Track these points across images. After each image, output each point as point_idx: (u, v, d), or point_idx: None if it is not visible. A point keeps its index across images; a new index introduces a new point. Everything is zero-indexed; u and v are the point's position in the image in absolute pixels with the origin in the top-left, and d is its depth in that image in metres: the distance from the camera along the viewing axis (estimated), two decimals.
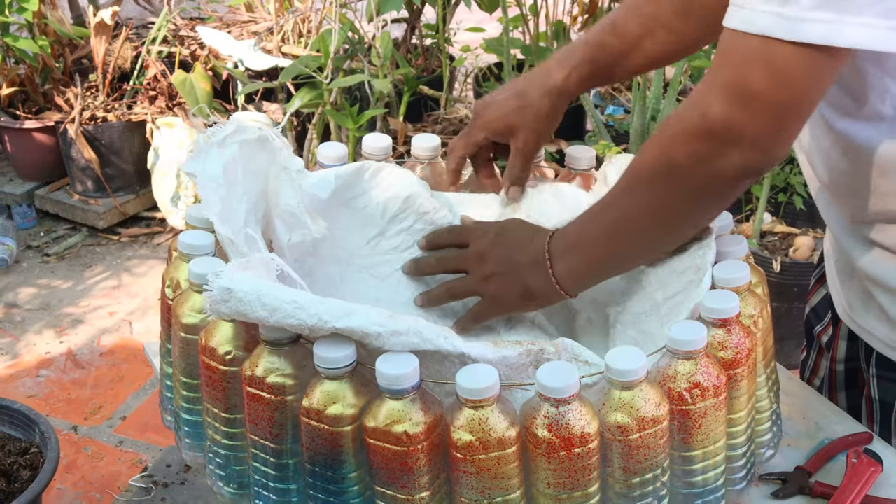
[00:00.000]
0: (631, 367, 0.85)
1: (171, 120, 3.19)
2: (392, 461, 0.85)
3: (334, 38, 2.83)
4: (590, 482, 0.86)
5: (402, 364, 0.85)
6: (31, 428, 1.92)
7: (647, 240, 0.99)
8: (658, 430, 0.86)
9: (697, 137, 0.89)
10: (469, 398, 0.83)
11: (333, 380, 0.86)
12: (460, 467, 0.85)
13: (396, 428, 0.84)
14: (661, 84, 2.79)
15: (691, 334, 0.88)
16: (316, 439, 0.87)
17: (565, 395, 0.83)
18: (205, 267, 0.95)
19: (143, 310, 2.91)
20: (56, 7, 3.31)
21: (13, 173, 3.44)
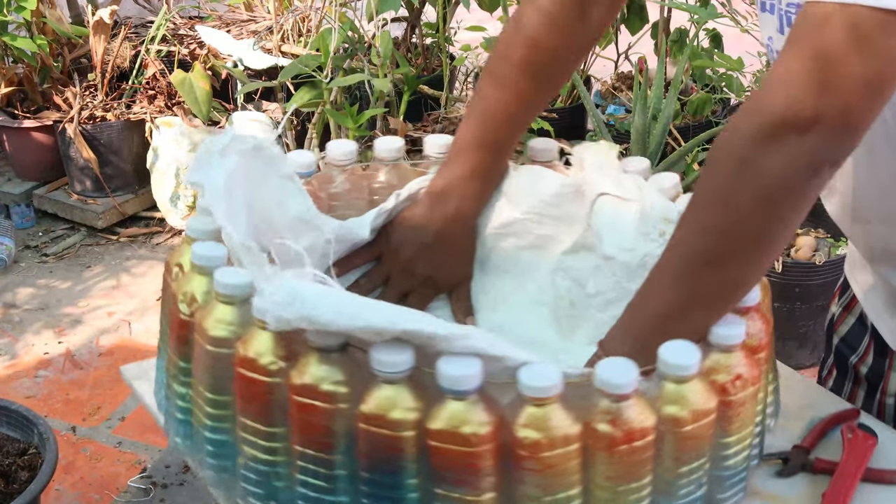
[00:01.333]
0: (687, 361, 0.86)
1: (170, 119, 3.18)
2: (459, 463, 0.84)
3: (334, 37, 2.83)
4: (645, 473, 0.87)
5: (466, 365, 0.84)
6: (30, 428, 1.91)
7: (723, 273, 0.87)
8: (708, 422, 0.88)
9: (773, 130, 0.80)
10: (533, 396, 0.84)
11: (392, 384, 0.85)
12: (525, 465, 0.85)
13: (464, 429, 0.83)
14: (663, 83, 2.78)
15: (732, 329, 0.90)
16: (375, 446, 0.85)
17: (627, 391, 0.84)
18: (236, 277, 0.92)
19: (142, 310, 2.90)
20: (54, 6, 3.30)
21: (11, 173, 3.43)
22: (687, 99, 2.99)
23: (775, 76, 0.81)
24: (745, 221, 0.83)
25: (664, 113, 2.65)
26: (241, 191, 1.00)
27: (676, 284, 0.88)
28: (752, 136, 0.81)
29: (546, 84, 1.14)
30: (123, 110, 3.26)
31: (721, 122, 2.86)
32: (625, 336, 0.92)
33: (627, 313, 0.93)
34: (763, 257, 0.87)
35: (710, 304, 0.88)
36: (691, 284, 0.87)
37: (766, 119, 0.80)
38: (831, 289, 2.57)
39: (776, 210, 0.83)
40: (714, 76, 3.03)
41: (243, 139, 1.00)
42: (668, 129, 2.68)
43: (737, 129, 0.83)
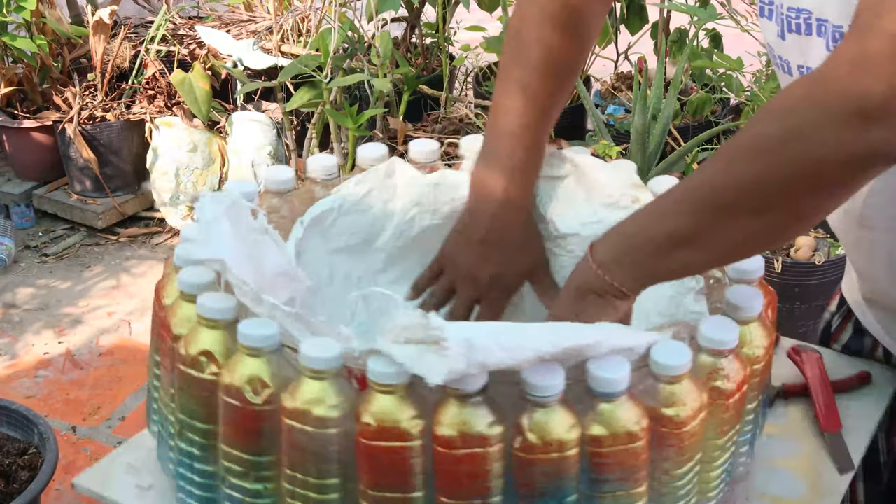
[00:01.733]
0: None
1: (169, 119, 3.18)
2: (622, 463, 0.85)
3: (334, 37, 2.83)
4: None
5: (616, 368, 0.84)
6: (30, 428, 1.91)
7: (735, 229, 0.84)
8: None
9: (838, 110, 0.76)
10: (668, 374, 0.86)
11: (546, 407, 0.82)
12: (670, 442, 0.87)
13: (628, 427, 0.84)
14: (662, 83, 2.78)
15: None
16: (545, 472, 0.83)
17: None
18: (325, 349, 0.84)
19: (141, 310, 2.90)
20: (54, 6, 3.30)
21: (11, 173, 3.43)
22: (686, 99, 3.00)
23: (844, 54, 0.77)
24: (780, 188, 0.80)
25: (664, 113, 2.65)
26: (233, 250, 0.96)
27: (691, 217, 0.85)
28: (811, 109, 0.77)
29: (566, 65, 1.11)
30: (123, 110, 3.26)
31: (721, 122, 2.86)
32: (619, 246, 0.90)
33: (628, 223, 0.90)
34: (786, 226, 0.84)
35: (718, 248, 0.86)
36: (707, 222, 0.84)
37: (830, 97, 0.76)
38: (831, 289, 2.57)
39: (814, 186, 0.79)
40: (714, 76, 3.03)
41: (220, 197, 0.97)
42: (668, 129, 2.69)
43: (797, 97, 0.79)
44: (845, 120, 0.75)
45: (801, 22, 0.94)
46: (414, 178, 1.14)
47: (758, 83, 2.81)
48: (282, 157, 3.16)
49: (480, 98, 3.27)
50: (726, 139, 2.74)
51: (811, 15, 0.93)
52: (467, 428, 0.81)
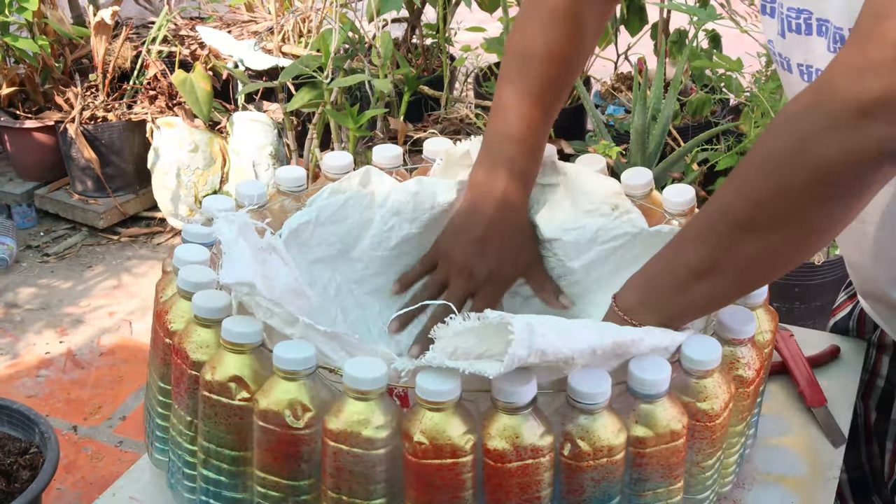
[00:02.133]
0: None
1: (171, 120, 3.19)
2: (667, 460, 0.86)
3: (335, 37, 2.83)
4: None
5: (657, 369, 0.85)
6: (31, 428, 1.91)
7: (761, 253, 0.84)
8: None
9: (838, 112, 0.76)
10: (697, 368, 0.88)
11: (593, 414, 0.83)
12: (701, 434, 0.88)
13: (671, 426, 0.85)
14: (662, 84, 2.78)
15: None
16: (604, 475, 0.84)
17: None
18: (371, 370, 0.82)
19: (142, 310, 2.91)
20: (56, 7, 3.31)
21: (13, 173, 3.44)
22: (686, 99, 3.00)
23: (846, 58, 0.78)
24: (793, 198, 0.80)
25: (663, 113, 2.66)
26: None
27: (708, 243, 0.86)
28: (816, 115, 0.78)
29: (566, 71, 1.12)
30: (125, 111, 3.27)
31: (720, 123, 2.86)
32: (641, 290, 0.90)
33: (648, 266, 0.91)
34: (803, 240, 0.83)
35: (738, 271, 0.86)
36: (725, 246, 0.84)
37: (834, 101, 0.77)
38: (830, 288, 2.59)
39: (825, 194, 0.79)
40: (713, 77, 3.03)
41: (233, 219, 0.95)
42: (668, 129, 2.69)
43: (802, 105, 0.80)
44: (846, 121, 0.76)
45: (801, 22, 0.95)
46: (391, 187, 1.13)
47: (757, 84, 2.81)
48: (283, 157, 3.16)
49: (481, 98, 3.27)
50: (726, 139, 2.75)
51: (811, 15, 0.93)
52: (520, 440, 0.81)
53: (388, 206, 1.11)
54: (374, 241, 1.12)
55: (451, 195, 1.13)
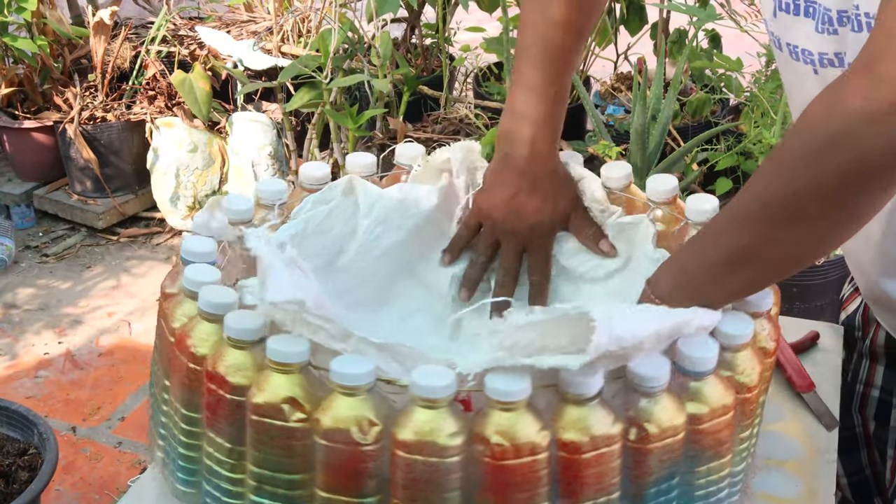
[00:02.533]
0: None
1: (170, 120, 3.19)
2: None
3: (334, 37, 2.83)
4: (756, 417, 0.95)
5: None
6: (30, 429, 1.91)
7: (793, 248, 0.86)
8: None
9: (881, 111, 0.77)
10: (731, 346, 0.90)
11: (655, 396, 0.85)
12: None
13: (679, 419, 0.86)
14: (662, 84, 2.78)
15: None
16: (655, 459, 0.86)
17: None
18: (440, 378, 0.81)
19: (142, 310, 2.91)
20: (55, 7, 3.30)
21: (12, 173, 3.44)
22: (686, 99, 3.00)
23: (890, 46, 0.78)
24: (835, 187, 0.80)
25: (663, 113, 2.66)
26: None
27: (743, 232, 0.87)
28: (861, 103, 0.78)
29: (584, 26, 1.14)
30: (124, 111, 3.26)
31: (720, 123, 2.86)
32: (676, 277, 0.92)
33: (683, 254, 0.93)
34: (843, 227, 0.85)
35: (776, 260, 0.87)
36: (764, 236, 0.85)
37: (880, 94, 0.77)
38: (831, 289, 2.59)
39: (868, 182, 0.80)
40: (713, 77, 3.03)
41: (259, 234, 0.93)
42: (668, 129, 2.69)
43: (846, 92, 0.80)
44: (890, 109, 0.76)
45: (790, 1, 0.96)
46: (376, 195, 1.12)
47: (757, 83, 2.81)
48: (282, 157, 3.16)
49: (480, 98, 3.27)
50: (726, 139, 2.75)
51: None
52: (594, 430, 0.82)
53: (374, 216, 1.10)
54: (361, 250, 1.10)
55: (433, 201, 1.12)
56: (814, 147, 0.81)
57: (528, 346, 0.82)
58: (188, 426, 0.93)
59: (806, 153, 0.81)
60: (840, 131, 0.79)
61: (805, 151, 0.81)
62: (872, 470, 1.24)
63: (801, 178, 0.81)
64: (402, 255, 1.13)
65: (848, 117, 0.78)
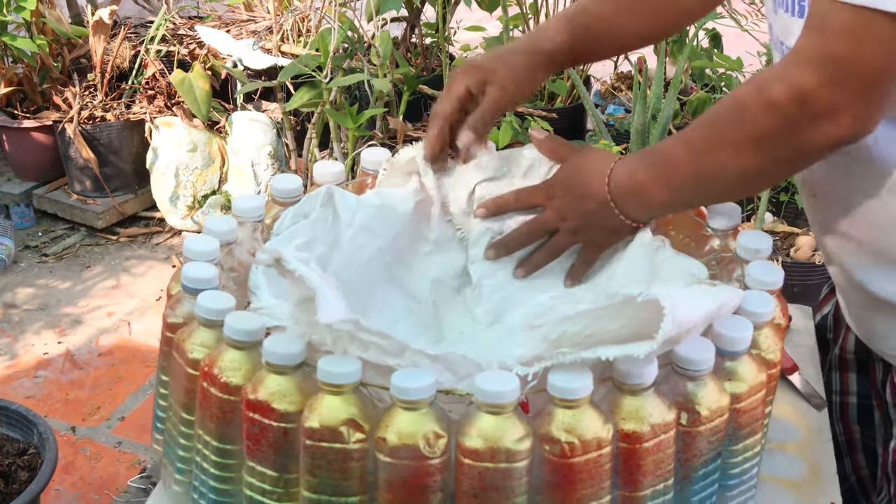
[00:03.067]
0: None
1: (169, 119, 3.18)
2: (716, 437, 0.89)
3: (334, 37, 2.83)
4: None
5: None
6: (30, 429, 1.91)
7: (715, 187, 0.99)
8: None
9: (787, 109, 0.87)
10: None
11: (700, 380, 0.87)
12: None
13: (725, 399, 0.88)
14: (662, 83, 2.78)
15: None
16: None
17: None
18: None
19: (141, 310, 2.90)
20: (54, 6, 3.30)
21: (11, 173, 3.43)
22: (686, 99, 2.99)
23: (807, 50, 0.87)
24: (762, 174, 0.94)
25: (664, 113, 2.65)
26: None
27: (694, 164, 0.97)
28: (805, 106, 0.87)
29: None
30: (123, 110, 3.26)
31: None
32: (635, 169, 1.02)
33: (642, 155, 1.04)
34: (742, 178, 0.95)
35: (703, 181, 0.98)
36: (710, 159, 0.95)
37: (791, 92, 0.87)
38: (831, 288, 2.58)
39: (789, 169, 0.95)
40: (713, 76, 3.03)
41: (302, 258, 0.91)
42: (668, 128, 2.68)
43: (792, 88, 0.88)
44: (793, 116, 0.87)
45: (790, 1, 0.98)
46: (356, 204, 1.10)
47: None
48: (282, 157, 3.16)
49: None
50: None
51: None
52: (653, 418, 0.83)
53: (357, 224, 1.09)
54: (346, 260, 1.09)
55: (410, 204, 1.12)
56: (762, 136, 0.91)
57: (575, 336, 0.83)
58: (222, 458, 0.90)
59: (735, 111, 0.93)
60: (783, 127, 0.89)
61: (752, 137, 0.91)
62: (857, 476, 1.24)
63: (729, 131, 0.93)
64: (384, 262, 1.12)
65: (794, 116, 0.88)
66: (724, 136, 0.93)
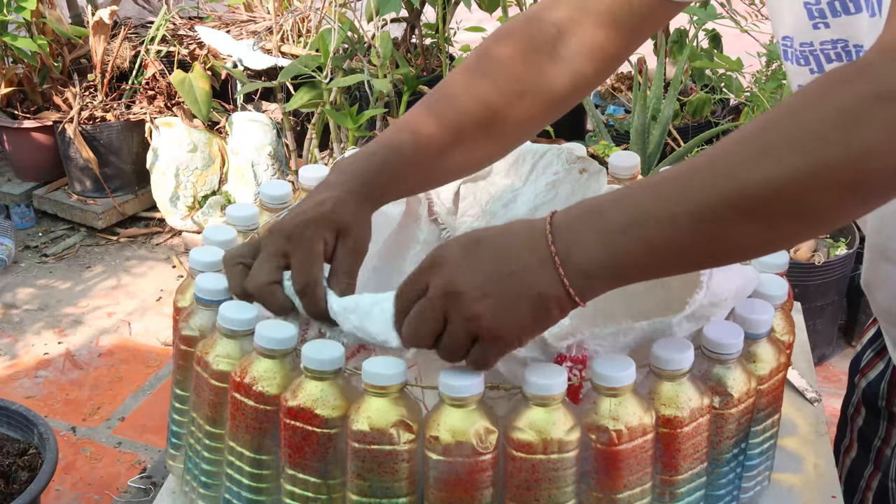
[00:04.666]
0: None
1: (169, 120, 3.18)
2: (745, 419, 0.91)
3: (334, 37, 2.83)
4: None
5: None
6: (30, 429, 1.91)
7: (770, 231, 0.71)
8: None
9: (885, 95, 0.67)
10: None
11: (729, 364, 0.89)
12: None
13: (752, 382, 0.90)
14: (662, 84, 2.78)
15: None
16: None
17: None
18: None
19: (141, 310, 2.90)
20: (54, 6, 3.30)
21: (11, 173, 3.43)
22: (686, 99, 3.00)
23: (886, 41, 0.70)
24: (823, 187, 0.68)
25: (663, 113, 2.66)
26: None
27: (701, 223, 0.71)
28: (861, 87, 0.68)
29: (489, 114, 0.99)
30: (123, 111, 3.26)
31: (720, 123, 2.86)
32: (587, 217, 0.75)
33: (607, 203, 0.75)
34: (812, 232, 0.73)
35: (725, 253, 0.75)
36: (720, 226, 0.71)
37: (880, 83, 0.68)
38: (831, 289, 2.58)
39: (859, 181, 0.68)
40: (713, 77, 3.03)
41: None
42: (668, 129, 2.69)
43: (837, 82, 0.70)
44: (889, 100, 0.67)
45: (839, 51, 0.90)
46: None
47: (757, 83, 2.81)
48: (282, 157, 3.16)
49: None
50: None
51: (847, 43, 0.90)
52: (692, 402, 0.85)
53: None
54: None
55: (402, 207, 1.11)
56: (806, 134, 0.69)
57: (608, 310, 0.86)
58: (257, 469, 0.89)
59: (797, 139, 0.69)
60: (836, 117, 0.68)
61: (795, 137, 0.70)
62: None
63: (785, 171, 0.69)
64: (382, 269, 1.12)
65: (847, 102, 0.69)
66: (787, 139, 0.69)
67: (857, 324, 2.74)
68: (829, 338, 2.70)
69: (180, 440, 1.00)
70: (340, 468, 0.85)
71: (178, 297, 1.00)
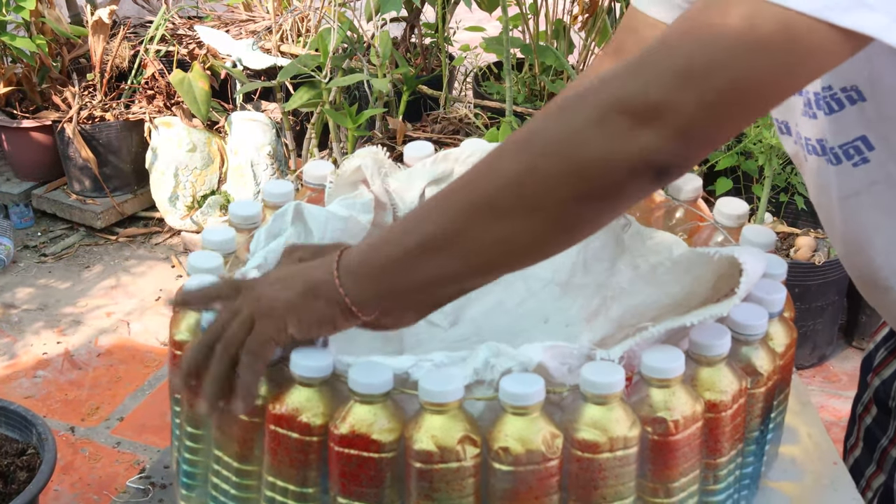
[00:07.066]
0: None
1: (169, 119, 3.18)
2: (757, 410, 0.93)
3: (333, 37, 2.83)
4: None
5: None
6: (28, 429, 1.91)
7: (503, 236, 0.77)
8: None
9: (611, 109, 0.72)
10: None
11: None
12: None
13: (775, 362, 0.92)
14: None
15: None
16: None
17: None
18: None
19: (140, 310, 2.90)
20: (53, 6, 3.30)
21: (10, 173, 3.43)
22: None
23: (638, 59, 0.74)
24: (543, 186, 0.74)
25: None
26: None
27: (448, 218, 0.77)
28: (587, 107, 0.73)
29: None
30: (122, 110, 3.26)
31: None
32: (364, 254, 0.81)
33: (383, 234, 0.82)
34: (546, 234, 0.77)
35: (470, 252, 0.78)
36: (465, 223, 0.77)
37: (604, 95, 0.73)
38: (831, 289, 2.58)
39: (578, 190, 0.74)
40: None
41: None
42: None
43: (573, 95, 0.75)
44: (613, 119, 0.72)
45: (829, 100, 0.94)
46: (324, 217, 1.08)
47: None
48: (281, 157, 3.16)
49: (480, 98, 3.27)
50: None
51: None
52: (732, 386, 0.87)
53: (329, 237, 1.08)
54: None
55: (370, 213, 1.11)
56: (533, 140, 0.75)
57: (639, 307, 0.87)
58: (302, 503, 0.86)
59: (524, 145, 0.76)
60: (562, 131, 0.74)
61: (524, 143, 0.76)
62: None
63: (511, 168, 0.75)
64: None
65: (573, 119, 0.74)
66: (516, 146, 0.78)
67: (857, 324, 2.74)
68: (830, 338, 2.70)
69: (195, 480, 0.97)
70: (397, 492, 0.83)
71: (173, 331, 0.97)
